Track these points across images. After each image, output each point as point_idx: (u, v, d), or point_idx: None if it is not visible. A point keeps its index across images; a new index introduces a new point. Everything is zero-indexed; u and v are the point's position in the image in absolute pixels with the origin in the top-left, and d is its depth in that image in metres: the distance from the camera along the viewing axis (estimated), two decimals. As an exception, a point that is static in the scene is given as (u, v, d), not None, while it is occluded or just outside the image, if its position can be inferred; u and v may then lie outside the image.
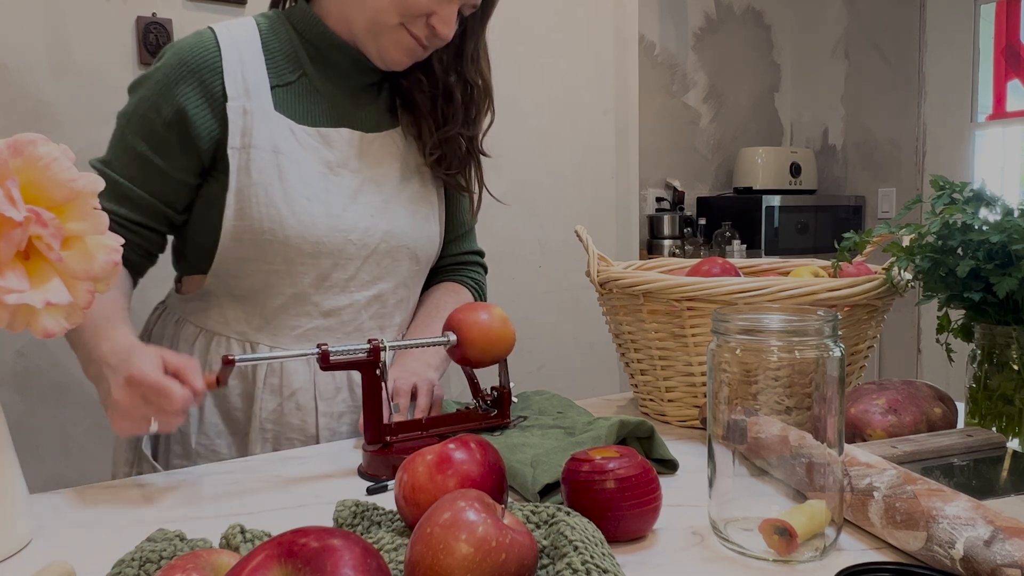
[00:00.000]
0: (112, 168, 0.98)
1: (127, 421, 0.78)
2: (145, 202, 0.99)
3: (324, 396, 1.04)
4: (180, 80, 0.96)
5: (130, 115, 0.98)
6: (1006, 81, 3.48)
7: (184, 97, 0.96)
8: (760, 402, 0.63)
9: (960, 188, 0.87)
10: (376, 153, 1.07)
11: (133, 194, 0.98)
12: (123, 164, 0.98)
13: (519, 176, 2.46)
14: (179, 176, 0.99)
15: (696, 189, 3.95)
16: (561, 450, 0.79)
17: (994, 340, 0.84)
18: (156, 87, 0.97)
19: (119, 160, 0.98)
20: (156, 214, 1.00)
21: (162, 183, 0.99)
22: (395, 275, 1.09)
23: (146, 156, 0.97)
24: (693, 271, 1.10)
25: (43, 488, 0.82)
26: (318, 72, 1.04)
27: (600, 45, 2.61)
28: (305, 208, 0.99)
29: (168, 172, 0.98)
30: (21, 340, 1.77)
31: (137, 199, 0.98)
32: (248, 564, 0.44)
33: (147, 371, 0.77)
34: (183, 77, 0.96)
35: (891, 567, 0.57)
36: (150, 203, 0.99)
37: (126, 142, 0.98)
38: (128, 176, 0.98)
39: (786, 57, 4.20)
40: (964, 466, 0.74)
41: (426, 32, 1.00)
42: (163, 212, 1.01)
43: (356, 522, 0.66)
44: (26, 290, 0.63)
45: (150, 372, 0.77)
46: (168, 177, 0.99)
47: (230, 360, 0.80)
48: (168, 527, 0.64)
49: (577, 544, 0.55)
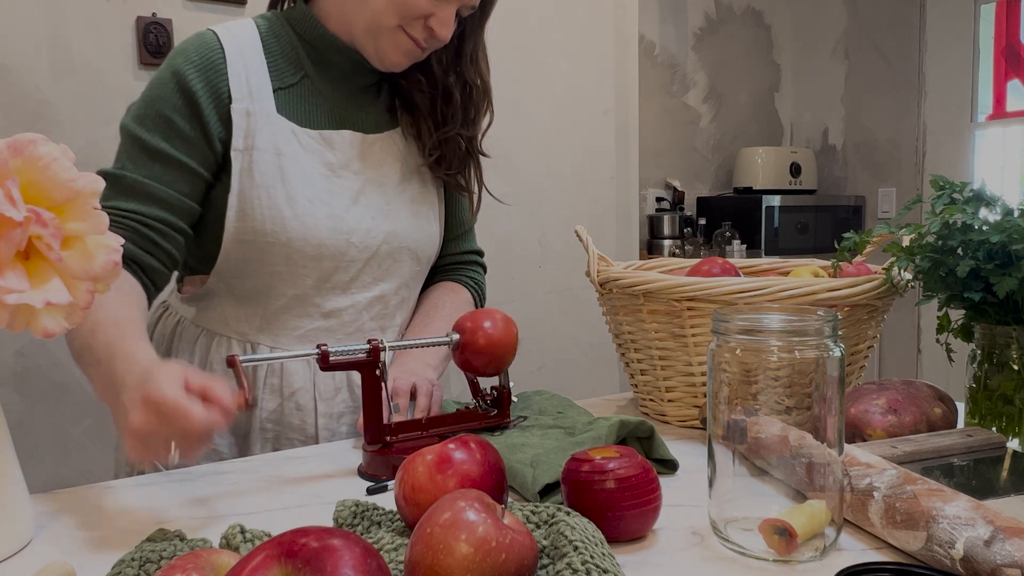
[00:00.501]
0: (129, 171, 0.95)
1: (144, 447, 0.69)
2: (174, 199, 0.95)
3: (324, 396, 1.04)
4: (190, 77, 0.96)
5: (142, 117, 0.96)
6: (1006, 81, 3.48)
7: (197, 93, 0.96)
8: (760, 402, 0.63)
9: (960, 188, 0.87)
10: (377, 155, 1.07)
11: (160, 192, 0.95)
12: (140, 164, 0.95)
13: (519, 176, 2.46)
14: (199, 170, 0.97)
15: (696, 189, 3.95)
16: (561, 450, 0.79)
17: (994, 340, 0.84)
18: (167, 85, 0.96)
19: (134, 162, 0.95)
20: (185, 211, 0.97)
21: (182, 178, 0.96)
22: (397, 276, 1.09)
23: (163, 151, 0.95)
24: (693, 271, 1.10)
25: (43, 488, 0.82)
26: (318, 73, 1.04)
27: (600, 45, 2.61)
28: (307, 210, 0.99)
29: (187, 164, 0.96)
30: (21, 340, 1.77)
31: (165, 197, 0.95)
32: (248, 564, 0.44)
33: (165, 390, 0.68)
34: (192, 75, 0.96)
35: (891, 567, 0.57)
36: (178, 200, 0.96)
37: (140, 142, 0.95)
38: (148, 176, 0.95)
39: (786, 57, 4.20)
40: (964, 466, 0.74)
41: (424, 34, 1.00)
42: (189, 208, 0.97)
43: (356, 522, 0.66)
44: (26, 290, 0.63)
45: (169, 391, 0.68)
46: (188, 170, 0.96)
47: (234, 360, 0.75)
48: (168, 527, 0.64)
49: (577, 544, 0.55)
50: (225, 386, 0.71)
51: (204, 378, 0.71)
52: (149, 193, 0.95)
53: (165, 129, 0.95)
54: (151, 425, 0.68)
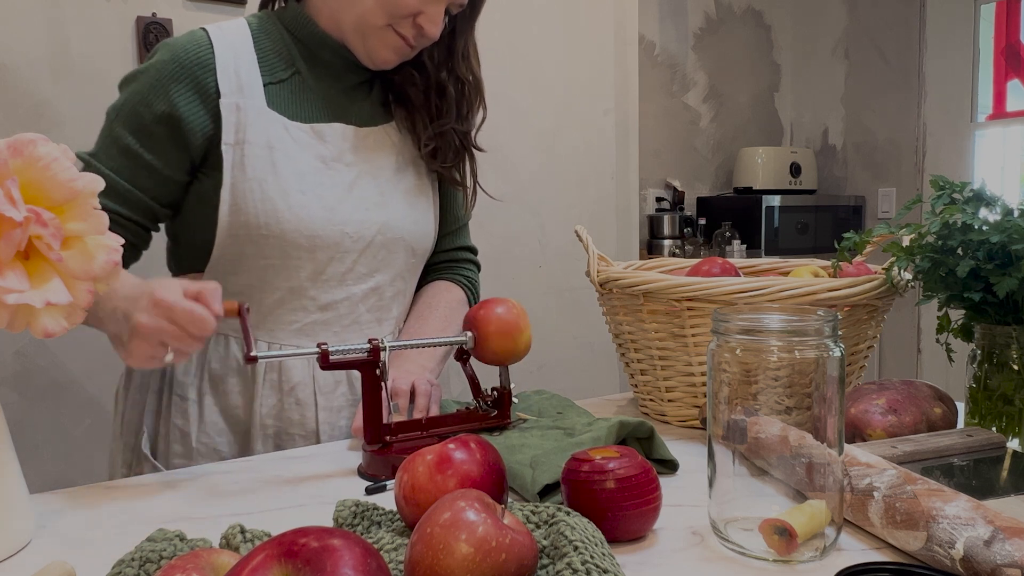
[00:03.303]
0: (99, 160, 0.97)
1: (147, 346, 0.78)
2: (131, 195, 0.98)
3: (323, 391, 1.05)
4: (173, 77, 0.96)
5: (120, 109, 0.98)
6: (1006, 81, 3.48)
7: (176, 94, 0.96)
8: (760, 402, 0.63)
9: (960, 188, 0.87)
10: (371, 147, 1.07)
11: (119, 187, 0.97)
12: (110, 157, 0.97)
13: (519, 176, 2.46)
14: (167, 172, 0.99)
15: (696, 189, 3.95)
16: (561, 451, 0.79)
17: (994, 340, 0.84)
18: (148, 83, 0.97)
19: (106, 153, 0.98)
20: (142, 208, 1.00)
21: (149, 177, 0.98)
22: (391, 267, 1.09)
23: (134, 150, 0.97)
24: (693, 271, 1.10)
25: (43, 488, 0.82)
26: (310, 70, 1.05)
27: (600, 45, 2.61)
28: (300, 202, 0.99)
29: (156, 167, 0.98)
30: (21, 340, 1.77)
31: (123, 192, 0.97)
32: (248, 564, 0.44)
33: (174, 295, 0.77)
34: (176, 74, 0.97)
35: (891, 567, 0.57)
36: (136, 196, 0.98)
37: (114, 135, 0.98)
38: (114, 169, 0.97)
39: (786, 57, 4.20)
40: (964, 466, 0.74)
41: (414, 32, 1.01)
42: (148, 206, 1.00)
43: (356, 522, 0.66)
44: (26, 290, 0.63)
45: (177, 296, 0.77)
46: (155, 172, 0.98)
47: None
48: (168, 527, 0.64)
49: (577, 544, 0.55)
50: (218, 292, 0.81)
51: (199, 285, 0.80)
52: (109, 185, 0.96)
53: (136, 126, 0.97)
54: (159, 325, 0.77)
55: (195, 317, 0.77)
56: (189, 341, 0.78)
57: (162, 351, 0.79)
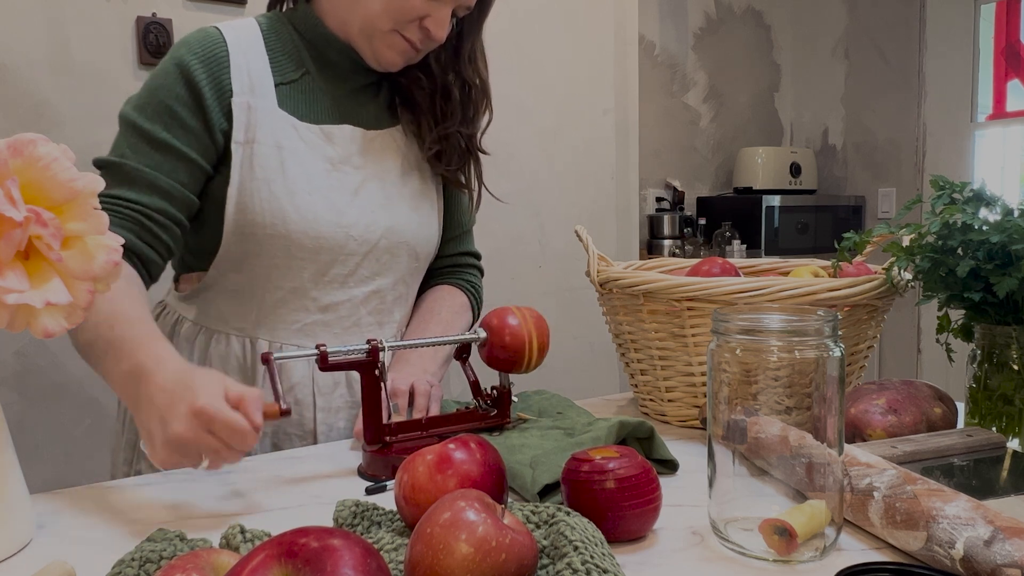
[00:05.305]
0: (130, 160, 0.94)
1: (181, 458, 0.72)
2: (174, 190, 0.95)
3: (322, 392, 1.05)
4: (194, 69, 0.96)
5: (143, 106, 0.96)
6: (1006, 81, 3.48)
7: (200, 84, 0.96)
8: (760, 402, 0.63)
9: (960, 188, 0.87)
10: (378, 150, 1.07)
11: (161, 181, 0.94)
12: (143, 154, 0.94)
13: (520, 176, 2.47)
14: (199, 161, 0.97)
15: (696, 189, 3.95)
16: (561, 451, 0.79)
17: (994, 340, 0.84)
18: (170, 74, 0.96)
19: (135, 151, 0.95)
20: (185, 203, 0.97)
21: (185, 170, 0.96)
22: (394, 271, 1.09)
23: (166, 142, 0.95)
24: (693, 271, 1.10)
25: (43, 488, 0.82)
26: (319, 71, 1.05)
27: (600, 45, 2.61)
28: (307, 203, 0.99)
29: (190, 157, 0.96)
30: (21, 340, 1.77)
31: (166, 187, 0.95)
32: (248, 564, 0.44)
33: (216, 403, 0.71)
34: (195, 66, 0.96)
35: (891, 567, 0.57)
36: (179, 192, 0.96)
37: (141, 131, 0.95)
38: (151, 165, 0.94)
39: (786, 57, 4.20)
40: (964, 466, 0.74)
41: (420, 35, 1.01)
42: (190, 201, 0.97)
43: (356, 522, 0.66)
44: (26, 290, 0.63)
45: (219, 405, 0.71)
46: (191, 163, 0.96)
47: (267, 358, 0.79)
48: (168, 527, 0.64)
49: (577, 544, 0.55)
50: (260, 399, 0.74)
51: (240, 390, 0.73)
52: (149, 182, 0.94)
53: (167, 119, 0.95)
54: (198, 436, 0.71)
55: (237, 430, 0.70)
56: (228, 454, 0.72)
57: (195, 461, 0.73)
